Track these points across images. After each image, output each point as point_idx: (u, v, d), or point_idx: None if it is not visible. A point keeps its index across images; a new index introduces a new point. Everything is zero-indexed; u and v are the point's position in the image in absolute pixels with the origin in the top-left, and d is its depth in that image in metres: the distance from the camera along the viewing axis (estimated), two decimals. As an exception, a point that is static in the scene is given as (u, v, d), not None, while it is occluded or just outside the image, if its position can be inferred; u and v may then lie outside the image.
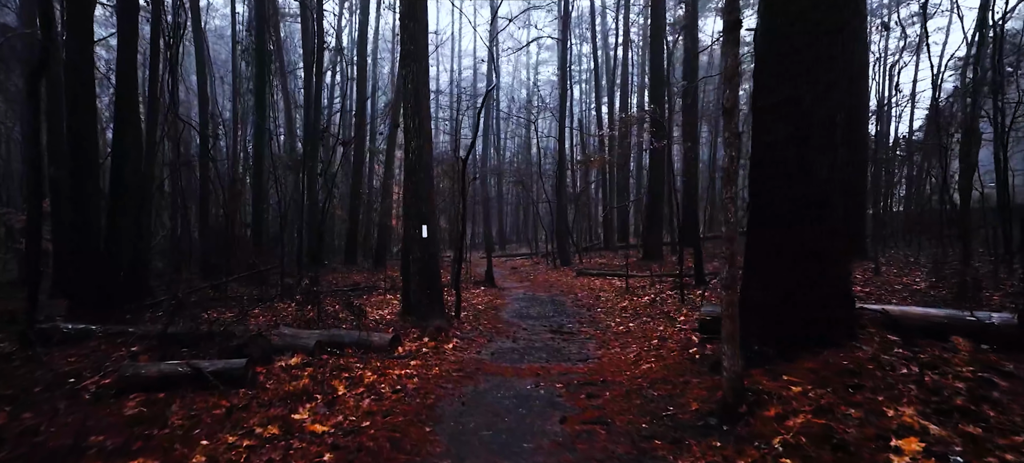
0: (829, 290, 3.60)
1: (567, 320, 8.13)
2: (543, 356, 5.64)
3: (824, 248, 3.60)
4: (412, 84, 6.89)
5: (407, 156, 7.23)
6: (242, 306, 9.21)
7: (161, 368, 4.59)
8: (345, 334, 6.08)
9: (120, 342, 6.24)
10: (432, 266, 7.26)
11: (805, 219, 3.61)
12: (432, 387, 4.42)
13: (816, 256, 3.59)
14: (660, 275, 12.41)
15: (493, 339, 6.67)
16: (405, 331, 6.76)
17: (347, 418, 3.75)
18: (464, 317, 8.07)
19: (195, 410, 4.04)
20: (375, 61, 25.40)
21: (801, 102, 3.57)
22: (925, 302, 6.68)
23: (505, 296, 11.19)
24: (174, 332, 6.12)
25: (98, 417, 4.01)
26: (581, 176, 25.34)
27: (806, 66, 3.58)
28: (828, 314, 3.58)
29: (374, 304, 10.01)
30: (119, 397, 4.38)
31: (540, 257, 22.64)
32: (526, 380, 4.64)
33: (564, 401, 4.04)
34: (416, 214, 7.14)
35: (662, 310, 8.32)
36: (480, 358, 5.58)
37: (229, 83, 21.19)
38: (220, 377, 4.54)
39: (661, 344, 5.71)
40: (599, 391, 4.18)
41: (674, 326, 6.89)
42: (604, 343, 6.24)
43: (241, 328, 6.71)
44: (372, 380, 4.62)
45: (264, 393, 4.42)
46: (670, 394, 3.80)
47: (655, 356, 5.08)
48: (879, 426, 2.56)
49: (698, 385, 3.80)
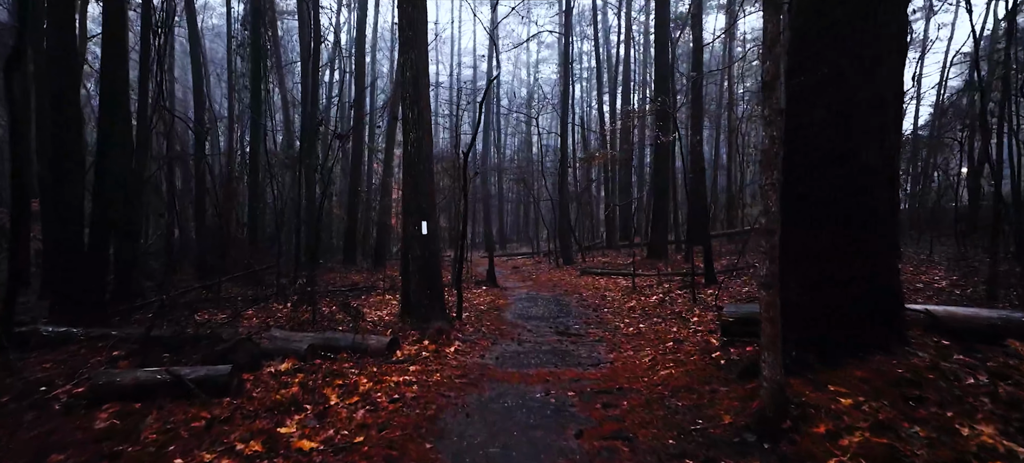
0: (876, 289, 3.22)
1: (573, 321, 7.77)
2: (551, 360, 5.28)
3: (870, 242, 3.22)
4: (411, 72, 6.52)
5: (406, 148, 6.86)
6: (235, 307, 8.88)
7: (138, 376, 4.22)
8: (340, 337, 5.72)
9: (102, 346, 5.87)
10: (433, 265, 6.90)
11: (848, 210, 3.23)
12: (433, 396, 4.05)
13: (861, 251, 3.21)
14: (667, 274, 12.05)
15: (497, 342, 6.30)
16: (404, 333, 6.39)
17: (339, 432, 3.39)
18: (466, 318, 7.71)
19: (172, 423, 3.67)
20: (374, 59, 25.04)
21: (844, 79, 3.19)
22: (953, 301, 6.33)
23: (508, 296, 10.83)
24: (158, 335, 5.76)
25: (65, 430, 3.65)
26: (583, 174, 24.98)
27: (849, 38, 3.20)
28: (875, 316, 3.20)
29: (372, 305, 9.65)
30: (91, 408, 4.01)
31: (542, 256, 22.29)
32: (535, 387, 4.27)
33: (578, 412, 3.68)
34: (416, 210, 6.77)
35: (673, 310, 7.96)
36: (484, 363, 5.21)
37: (227, 81, 20.82)
38: (202, 385, 4.18)
39: (677, 347, 5.35)
40: (616, 400, 3.82)
41: (688, 327, 6.52)
42: (615, 346, 5.87)
43: (230, 331, 6.35)
44: (368, 388, 4.26)
45: (250, 403, 4.06)
46: (696, 404, 3.43)
47: (673, 360, 4.71)
48: (955, 447, 2.20)
49: (727, 395, 3.43)
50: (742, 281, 9.54)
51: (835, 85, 3.25)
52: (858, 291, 3.22)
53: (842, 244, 3.25)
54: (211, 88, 25.00)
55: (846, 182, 3.25)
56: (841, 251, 3.25)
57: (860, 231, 3.23)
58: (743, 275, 9.91)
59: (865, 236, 3.23)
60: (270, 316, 8.28)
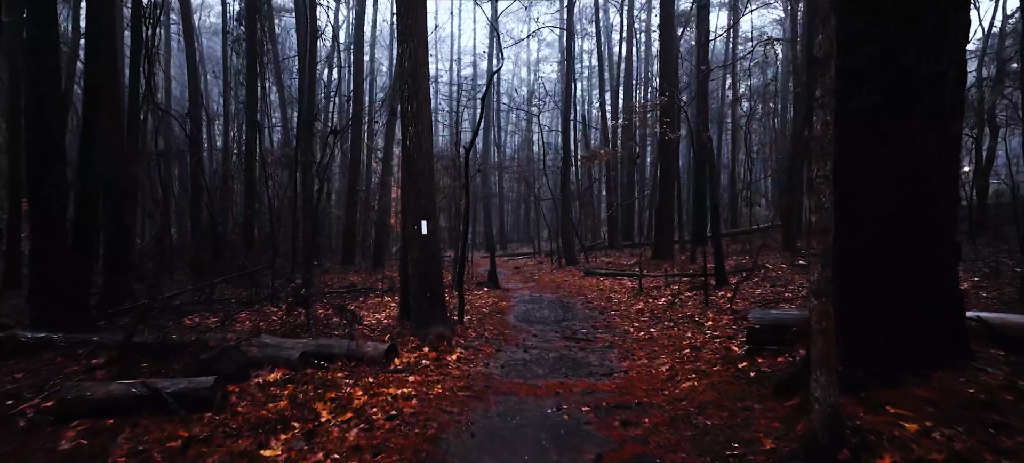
0: (935, 297, 2.86)
1: (580, 325, 7.41)
2: (560, 369, 4.92)
3: (929, 245, 2.86)
4: (409, 62, 6.16)
5: (404, 144, 6.50)
6: (228, 310, 8.51)
7: (111, 389, 3.86)
8: (334, 344, 5.36)
9: (81, 353, 5.51)
10: (433, 266, 6.54)
11: (904, 208, 2.87)
12: (433, 411, 3.69)
13: (918, 252, 2.84)
14: (674, 275, 11.69)
15: (501, 348, 5.95)
16: (402, 339, 6.03)
17: (329, 456, 3.03)
18: (468, 321, 7.35)
19: (146, 442, 3.31)
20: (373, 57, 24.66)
21: (899, 56, 2.82)
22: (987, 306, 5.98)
23: (510, 298, 10.47)
24: (141, 342, 5.41)
25: (26, 451, 3.30)
26: (584, 173, 24.62)
27: (905, 9, 2.84)
28: (935, 325, 2.84)
29: (370, 307, 9.30)
30: (59, 424, 3.65)
31: (543, 256, 21.94)
32: (545, 401, 3.91)
33: (595, 430, 3.32)
34: (415, 209, 6.41)
35: (684, 313, 7.60)
36: (489, 372, 4.85)
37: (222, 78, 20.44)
38: (182, 399, 3.82)
39: (696, 355, 4.99)
40: (635, 417, 3.46)
41: (703, 332, 6.17)
42: (627, 352, 5.52)
43: (218, 337, 5.99)
44: (362, 402, 3.90)
45: (234, 419, 3.70)
46: (729, 424, 3.07)
47: (694, 371, 4.35)
48: (1058, 488, 1.85)
49: (764, 413, 3.07)
50: (754, 282, 9.18)
51: (891, 63, 2.86)
52: (915, 297, 2.84)
53: (896, 243, 2.88)
54: (209, 86, 24.64)
55: (902, 175, 2.88)
56: (895, 251, 2.88)
57: (916, 228, 2.86)
58: (753, 276, 9.54)
59: (922, 234, 2.86)
60: (264, 319, 7.93)
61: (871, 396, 2.65)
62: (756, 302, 7.76)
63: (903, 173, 2.87)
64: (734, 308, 7.27)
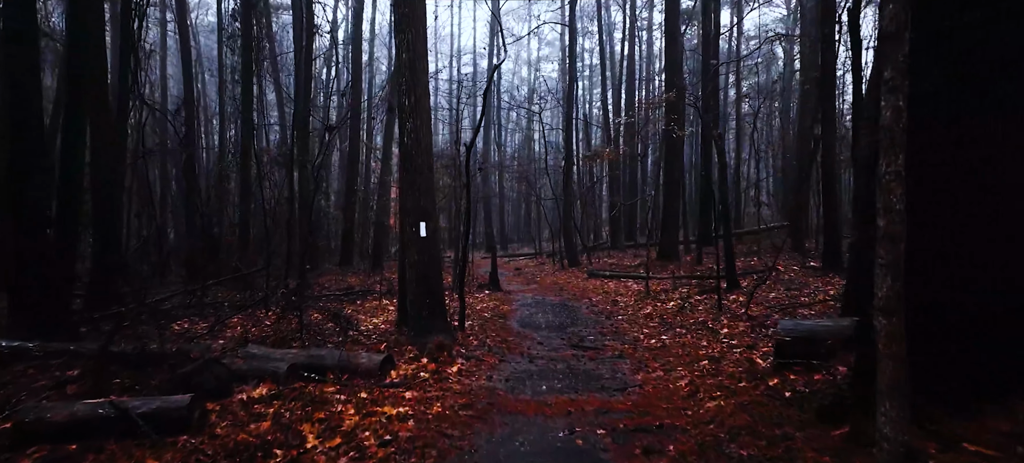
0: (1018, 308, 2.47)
1: (587, 331, 7.05)
2: (570, 383, 4.56)
3: (1006, 244, 2.47)
4: (407, 54, 5.79)
5: (402, 140, 6.13)
6: (219, 315, 8.14)
7: (75, 410, 3.49)
8: (327, 355, 4.99)
9: (55, 365, 5.14)
10: (432, 270, 6.17)
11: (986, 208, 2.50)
12: (432, 435, 3.32)
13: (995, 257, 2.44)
14: (681, 277, 11.34)
15: (505, 357, 5.58)
16: (400, 348, 5.67)
17: (313, 492, 2.67)
18: (469, 327, 6.98)
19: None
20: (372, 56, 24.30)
21: (990, 29, 2.44)
22: None
23: (512, 301, 10.11)
24: (119, 352, 5.04)
25: (-27, 485, 2.94)
26: (586, 172, 24.26)
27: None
28: (1016, 345, 2.45)
29: (368, 311, 8.94)
30: (16, 450, 3.29)
31: (545, 257, 21.59)
32: (556, 423, 3.55)
33: (613, 458, 2.96)
34: (414, 209, 6.04)
35: (696, 319, 7.24)
36: (492, 386, 4.48)
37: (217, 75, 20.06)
38: (155, 420, 3.45)
39: (716, 368, 4.62)
40: (659, 442, 3.09)
41: (719, 341, 5.81)
42: (640, 363, 5.15)
43: (202, 346, 5.63)
44: (354, 423, 3.53)
45: (211, 443, 3.34)
46: (768, 457, 2.70)
47: (718, 387, 3.98)
48: None
49: (808, 443, 2.70)
50: (766, 286, 8.80)
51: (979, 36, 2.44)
52: (995, 311, 2.47)
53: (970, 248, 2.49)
54: (206, 85, 24.27)
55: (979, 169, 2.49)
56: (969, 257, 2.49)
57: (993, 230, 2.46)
58: (766, 279, 9.15)
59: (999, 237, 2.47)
60: (255, 325, 7.57)
61: (941, 428, 2.29)
62: (771, 307, 7.40)
63: (982, 169, 2.46)
64: (750, 314, 6.91)
